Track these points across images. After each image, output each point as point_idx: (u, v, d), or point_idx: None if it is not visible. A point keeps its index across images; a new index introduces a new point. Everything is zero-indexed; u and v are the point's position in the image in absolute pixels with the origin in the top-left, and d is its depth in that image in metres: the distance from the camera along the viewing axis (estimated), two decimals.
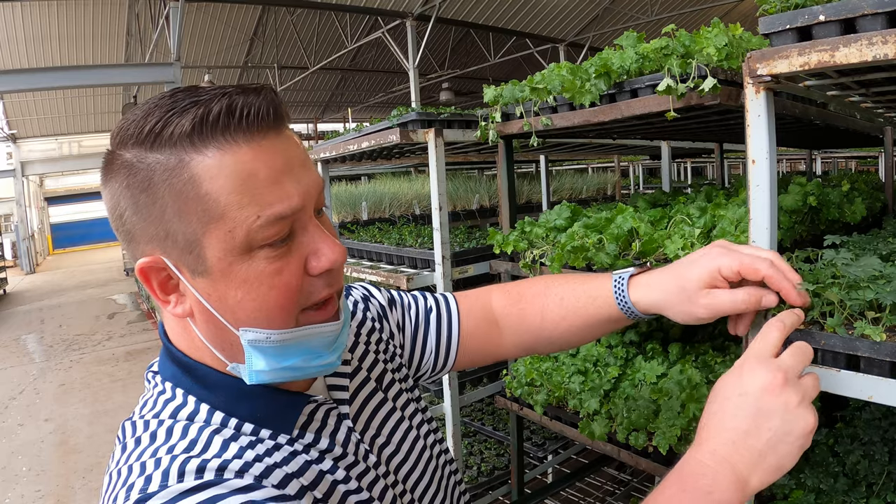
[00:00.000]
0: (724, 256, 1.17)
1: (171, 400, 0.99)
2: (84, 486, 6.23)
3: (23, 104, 23.26)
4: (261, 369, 0.95)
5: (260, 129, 0.90)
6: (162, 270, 0.93)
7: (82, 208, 36.21)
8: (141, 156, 0.88)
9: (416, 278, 3.49)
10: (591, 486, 4.78)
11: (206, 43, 19.26)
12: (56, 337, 13.28)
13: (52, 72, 11.61)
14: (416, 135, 3.30)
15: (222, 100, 0.88)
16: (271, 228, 0.89)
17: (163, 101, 0.90)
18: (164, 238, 0.90)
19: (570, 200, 3.50)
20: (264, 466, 0.92)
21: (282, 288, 0.92)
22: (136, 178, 0.89)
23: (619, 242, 2.18)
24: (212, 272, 0.91)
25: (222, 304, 0.92)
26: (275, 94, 0.94)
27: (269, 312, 0.93)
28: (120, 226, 0.94)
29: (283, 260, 0.92)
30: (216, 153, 0.87)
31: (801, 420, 0.96)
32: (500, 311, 1.49)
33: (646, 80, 2.01)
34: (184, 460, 0.87)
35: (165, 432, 0.94)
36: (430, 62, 20.82)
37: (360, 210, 5.82)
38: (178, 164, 0.87)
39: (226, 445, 0.92)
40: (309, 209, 0.95)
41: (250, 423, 0.98)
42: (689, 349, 2.59)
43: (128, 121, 0.91)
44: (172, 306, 0.96)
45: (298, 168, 0.94)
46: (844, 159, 15.62)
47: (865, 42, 1.18)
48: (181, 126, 0.86)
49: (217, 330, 0.95)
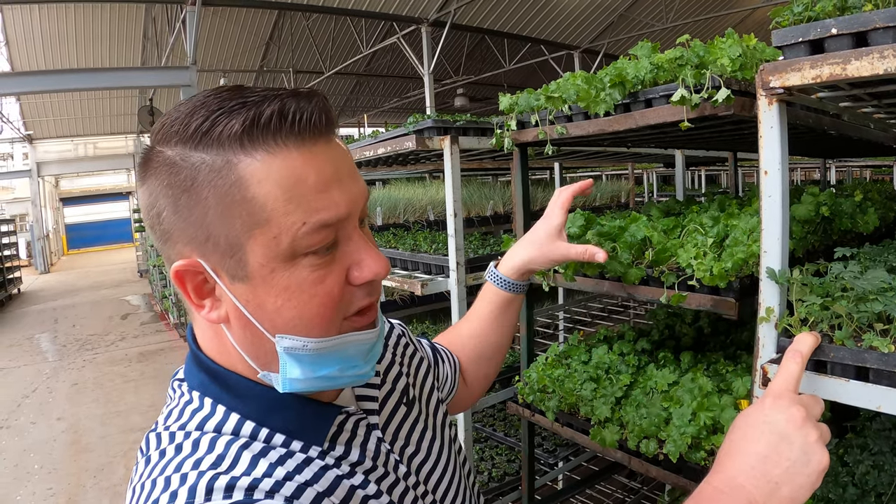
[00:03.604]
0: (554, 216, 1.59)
1: (198, 410, 0.96)
2: (95, 484, 6.27)
3: (39, 105, 23.41)
4: (295, 377, 0.92)
5: (311, 134, 0.88)
6: (199, 274, 0.91)
7: (97, 209, 36.37)
8: (185, 154, 0.86)
9: (430, 284, 3.50)
10: (602, 494, 4.78)
11: (222, 47, 19.32)
12: (69, 336, 13.36)
13: (70, 74, 11.68)
14: (431, 142, 3.31)
15: (274, 103, 0.85)
16: (316, 236, 0.87)
17: (209, 99, 0.87)
18: (205, 241, 0.88)
19: (584, 208, 3.51)
20: (296, 486, 0.87)
21: (323, 296, 0.90)
22: (178, 176, 0.86)
23: (632, 251, 2.19)
24: (252, 278, 0.88)
25: (260, 311, 0.90)
26: (326, 99, 0.92)
27: (308, 321, 0.90)
28: (157, 225, 0.91)
29: (327, 269, 0.90)
30: (265, 156, 0.85)
31: (818, 455, 0.96)
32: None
33: (660, 90, 2.02)
34: (212, 477, 0.83)
35: (192, 445, 0.90)
36: (444, 68, 20.81)
37: (375, 215, 5.83)
38: (225, 166, 0.85)
39: (255, 462, 0.88)
40: (354, 219, 0.94)
41: (281, 434, 0.95)
42: (700, 358, 2.59)
43: (171, 117, 0.88)
44: (207, 311, 0.93)
45: (346, 176, 0.92)
46: (859, 168, 15.49)
47: (877, 55, 1.20)
48: (230, 127, 0.84)
49: (253, 337, 0.93)
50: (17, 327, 14.98)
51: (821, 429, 1.00)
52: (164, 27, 15.72)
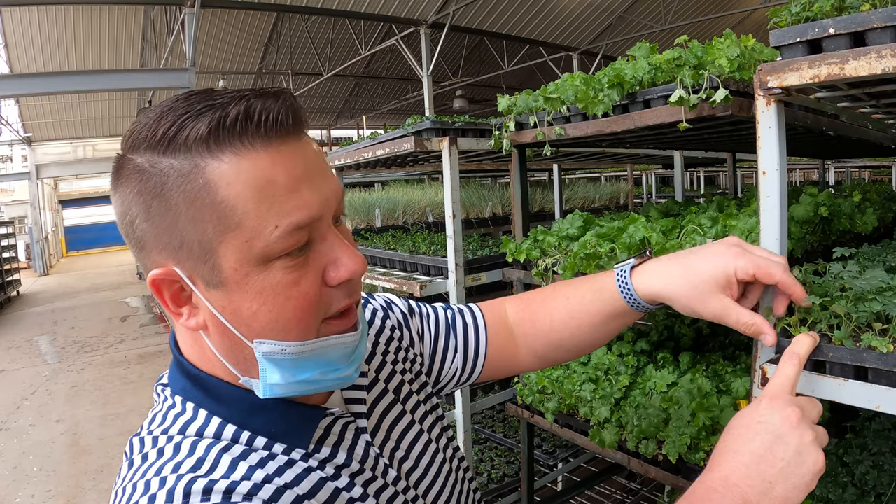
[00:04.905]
0: (741, 258, 1.16)
1: (181, 414, 0.96)
2: (94, 486, 6.26)
3: (38, 107, 23.41)
4: (275, 382, 0.91)
5: (279, 134, 0.86)
6: (175, 282, 0.90)
7: (96, 211, 36.30)
8: (153, 160, 0.85)
9: (429, 285, 3.50)
10: (601, 495, 4.77)
11: (221, 49, 19.34)
12: (68, 339, 13.34)
13: (69, 76, 11.71)
14: (430, 143, 3.32)
15: (240, 103, 0.84)
16: (290, 239, 0.86)
17: (176, 104, 0.86)
18: (179, 247, 0.87)
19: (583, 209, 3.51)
20: (274, 488, 0.87)
21: (299, 299, 0.89)
22: (148, 183, 0.85)
23: (631, 251, 2.19)
24: (227, 283, 0.87)
25: (237, 317, 0.89)
26: (293, 98, 0.90)
27: (285, 324, 0.89)
28: (131, 233, 0.90)
29: (301, 270, 0.89)
30: (233, 158, 0.83)
31: (812, 455, 0.95)
32: (513, 320, 1.46)
33: (658, 90, 2.02)
34: (190, 480, 0.83)
35: (173, 449, 0.90)
36: (443, 70, 20.83)
37: (374, 217, 5.84)
38: (193, 170, 0.83)
39: (234, 465, 0.88)
40: (328, 218, 0.92)
41: (263, 436, 0.94)
42: (699, 358, 2.59)
43: (139, 124, 0.87)
44: (185, 319, 0.92)
45: (318, 175, 0.91)
46: (858, 168, 15.55)
47: (875, 55, 1.19)
48: (196, 130, 0.83)
49: (231, 343, 0.92)
50: (16, 329, 14.96)
51: (817, 430, 0.99)
52: (162, 29, 15.75)
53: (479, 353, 1.43)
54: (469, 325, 1.44)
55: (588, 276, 1.42)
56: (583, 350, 1.45)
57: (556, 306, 1.40)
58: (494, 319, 1.47)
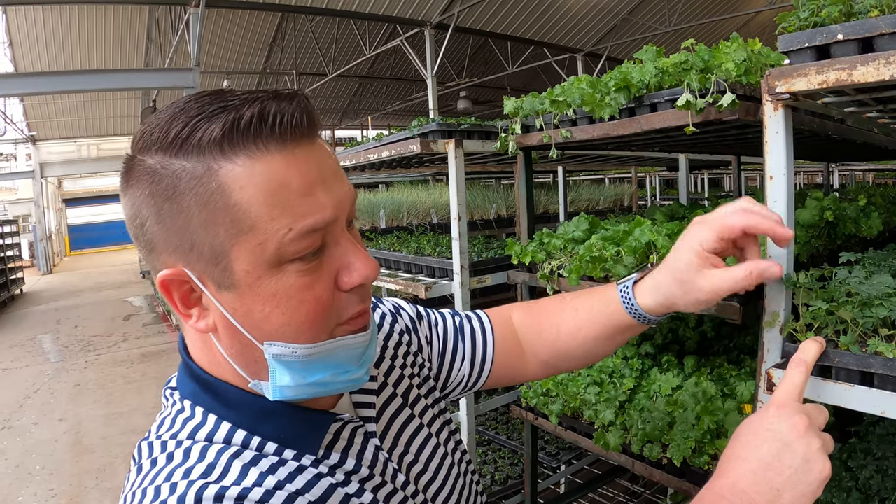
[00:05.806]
0: (701, 231, 1.17)
1: (190, 419, 0.94)
2: (97, 485, 6.26)
3: (42, 106, 23.45)
4: (285, 385, 0.90)
5: (293, 137, 0.85)
6: (185, 283, 0.88)
7: (99, 210, 36.36)
8: (165, 162, 0.83)
9: (434, 287, 3.50)
10: (605, 498, 4.77)
11: (226, 49, 19.36)
12: (71, 337, 13.35)
13: (74, 75, 11.74)
14: (436, 145, 3.31)
15: (254, 105, 0.83)
16: (303, 242, 0.85)
17: (189, 105, 0.84)
18: (189, 250, 0.85)
19: (587, 211, 3.51)
20: (286, 495, 0.86)
21: (312, 303, 0.88)
22: (159, 185, 0.83)
23: (636, 255, 2.19)
24: (239, 286, 0.86)
25: (248, 319, 0.88)
26: (307, 100, 0.89)
27: (297, 327, 0.88)
28: (140, 235, 0.88)
29: (314, 274, 0.88)
30: (247, 161, 0.82)
31: (819, 463, 0.95)
32: (520, 327, 1.46)
33: (665, 94, 2.02)
34: (201, 486, 0.82)
35: (183, 454, 0.88)
36: (448, 70, 20.83)
37: (379, 218, 5.83)
38: (206, 172, 0.82)
39: (245, 471, 0.87)
40: (341, 221, 0.91)
41: (273, 442, 0.93)
42: (704, 362, 2.60)
43: (151, 125, 0.85)
44: (195, 321, 0.91)
45: (331, 178, 0.90)
46: (862, 171, 15.51)
47: (883, 61, 1.20)
48: (210, 132, 0.81)
49: (241, 346, 0.91)
50: (20, 328, 14.97)
51: (824, 438, 0.99)
52: (167, 29, 15.76)
53: (487, 359, 1.42)
54: (477, 331, 1.43)
55: (596, 289, 1.41)
56: (590, 360, 1.45)
57: (563, 318, 1.40)
58: (501, 326, 1.46)
